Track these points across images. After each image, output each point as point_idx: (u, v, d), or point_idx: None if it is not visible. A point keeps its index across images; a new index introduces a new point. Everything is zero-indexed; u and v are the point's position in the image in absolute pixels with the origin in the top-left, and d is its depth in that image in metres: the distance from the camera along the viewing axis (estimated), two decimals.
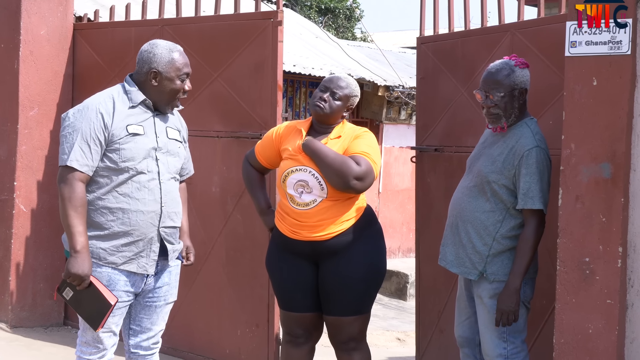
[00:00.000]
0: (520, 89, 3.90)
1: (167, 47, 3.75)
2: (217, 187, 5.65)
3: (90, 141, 3.58)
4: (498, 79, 3.89)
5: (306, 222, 4.10)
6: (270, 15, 5.33)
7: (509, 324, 3.82)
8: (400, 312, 10.19)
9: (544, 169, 3.81)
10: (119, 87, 3.77)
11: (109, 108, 3.65)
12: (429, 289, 5.60)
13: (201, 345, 5.76)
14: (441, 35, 5.55)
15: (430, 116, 5.57)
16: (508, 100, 3.89)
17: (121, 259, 3.64)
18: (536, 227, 3.82)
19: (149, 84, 3.72)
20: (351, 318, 4.19)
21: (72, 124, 3.62)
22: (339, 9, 24.09)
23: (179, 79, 3.73)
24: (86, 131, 3.59)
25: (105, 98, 3.70)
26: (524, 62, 3.93)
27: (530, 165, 3.78)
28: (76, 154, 3.57)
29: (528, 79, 3.93)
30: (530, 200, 3.79)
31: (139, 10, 6.33)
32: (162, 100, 3.75)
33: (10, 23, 6.36)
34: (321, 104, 4.16)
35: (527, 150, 3.80)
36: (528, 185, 3.79)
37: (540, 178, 3.79)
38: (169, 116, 3.85)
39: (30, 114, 6.35)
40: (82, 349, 3.75)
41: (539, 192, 3.78)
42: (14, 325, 6.34)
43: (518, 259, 3.82)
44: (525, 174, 3.79)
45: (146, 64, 3.72)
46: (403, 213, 12.64)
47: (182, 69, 3.74)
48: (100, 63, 6.28)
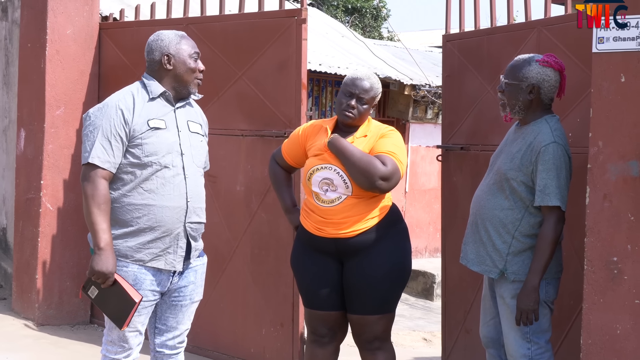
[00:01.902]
0: (531, 84, 3.87)
1: (173, 32, 3.80)
2: (241, 186, 5.65)
3: (111, 138, 3.59)
4: (512, 67, 3.93)
5: (331, 219, 4.08)
6: (294, 13, 5.31)
7: (530, 323, 3.78)
8: (426, 312, 10.15)
9: (562, 165, 3.76)
10: (138, 84, 3.78)
11: (129, 104, 3.65)
12: (455, 289, 5.56)
13: (226, 344, 5.76)
14: (467, 32, 5.51)
15: (456, 114, 5.54)
16: (512, 90, 3.90)
17: (148, 255, 3.64)
18: (554, 224, 3.77)
19: (163, 70, 3.74)
20: (375, 317, 4.16)
21: (93, 122, 3.63)
22: (365, 9, 24.06)
23: (191, 57, 3.75)
24: (107, 128, 3.59)
25: (125, 94, 3.71)
26: (551, 63, 3.88)
27: (547, 161, 3.75)
28: (97, 151, 3.57)
29: (547, 77, 3.87)
30: (547, 197, 3.75)
31: (164, 9, 6.35)
32: (180, 83, 3.75)
33: (37, 23, 6.41)
34: (350, 113, 4.14)
35: (544, 146, 3.77)
36: (545, 181, 3.75)
37: (557, 174, 3.74)
38: (189, 110, 3.85)
39: (57, 113, 6.38)
40: (108, 347, 3.75)
41: (555, 188, 3.74)
42: (40, 323, 6.38)
43: (536, 256, 3.78)
44: (542, 170, 3.76)
45: (157, 51, 3.75)
46: (430, 213, 12.58)
47: (192, 49, 3.77)
48: (126, 62, 6.29)
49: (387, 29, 24.51)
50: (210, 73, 5.63)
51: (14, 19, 7.57)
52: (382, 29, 24.94)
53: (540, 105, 3.91)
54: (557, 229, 3.78)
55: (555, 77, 3.89)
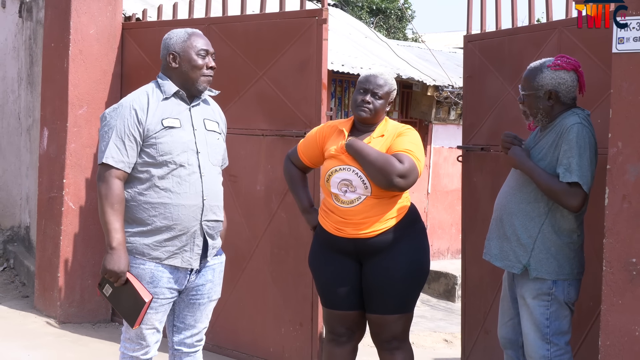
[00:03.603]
0: (547, 91, 3.88)
1: (184, 30, 3.81)
2: (261, 186, 5.66)
3: (125, 138, 3.62)
4: (526, 77, 3.95)
5: (351, 219, 4.08)
6: (315, 13, 5.32)
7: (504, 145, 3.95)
8: (448, 313, 10.11)
9: (585, 145, 3.76)
10: (153, 83, 3.80)
11: (143, 104, 3.67)
12: (474, 290, 5.54)
13: (245, 344, 5.78)
14: (488, 33, 5.50)
15: (476, 115, 5.52)
16: (531, 100, 3.93)
17: (165, 253, 3.66)
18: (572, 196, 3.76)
19: (171, 68, 3.76)
20: (394, 317, 4.16)
21: (108, 123, 3.67)
22: (390, 10, 24.02)
23: (198, 55, 3.74)
24: (120, 128, 3.62)
25: (140, 94, 3.73)
26: (563, 65, 3.87)
27: (570, 140, 3.76)
28: (111, 151, 3.61)
29: (562, 81, 3.87)
30: (568, 173, 3.74)
31: (186, 9, 6.38)
32: (187, 80, 3.76)
33: (60, 22, 6.45)
34: (365, 108, 4.14)
35: (569, 126, 3.79)
36: (568, 160, 3.75)
37: (580, 153, 3.74)
38: (206, 108, 3.87)
39: (80, 113, 6.43)
40: (126, 345, 3.78)
41: (576, 165, 3.73)
42: (62, 321, 6.43)
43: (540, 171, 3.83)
44: (566, 149, 3.76)
45: (164, 50, 3.78)
46: (452, 214, 12.54)
47: (199, 46, 3.76)
48: (148, 62, 6.33)
49: (412, 30, 24.46)
50: (231, 73, 5.68)
51: (38, 19, 7.63)
52: (406, 30, 24.90)
53: (562, 107, 3.91)
54: (571, 202, 3.76)
55: (570, 77, 3.88)
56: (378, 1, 23.96)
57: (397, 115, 12.03)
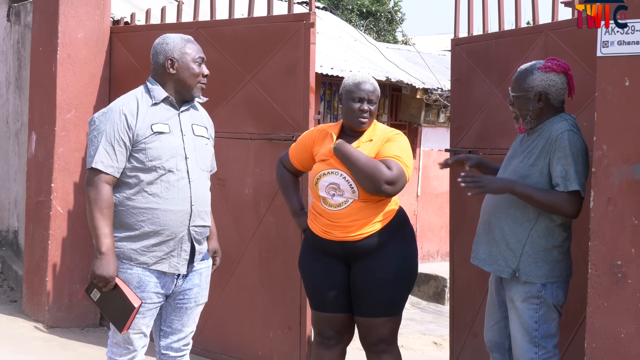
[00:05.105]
0: (537, 93, 3.89)
1: (179, 36, 3.80)
2: (250, 189, 5.66)
3: (114, 142, 3.61)
4: (516, 79, 3.96)
5: (338, 222, 4.09)
6: (302, 17, 5.33)
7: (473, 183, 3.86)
8: (437, 316, 10.13)
9: (578, 152, 3.78)
10: (142, 88, 3.79)
11: (133, 109, 3.67)
12: (463, 292, 5.55)
13: (233, 347, 5.77)
14: (475, 36, 5.52)
15: (464, 118, 5.54)
16: (521, 102, 3.94)
17: (152, 259, 3.66)
18: (572, 204, 3.78)
19: (167, 74, 3.75)
20: (382, 319, 4.17)
21: (97, 127, 3.66)
22: (380, 13, 24.06)
23: (195, 62, 3.75)
24: (110, 133, 3.62)
25: (130, 99, 3.73)
26: (553, 67, 3.89)
27: (564, 148, 3.77)
28: (101, 156, 3.60)
29: (552, 82, 3.89)
30: (568, 182, 3.76)
31: (174, 13, 6.37)
32: (184, 87, 3.76)
33: (48, 26, 6.44)
34: (365, 118, 4.15)
35: (560, 133, 3.79)
36: (565, 168, 3.76)
37: (575, 161, 3.76)
38: (194, 113, 3.87)
39: (68, 117, 6.42)
40: (113, 349, 3.78)
41: (574, 173, 3.75)
42: (50, 326, 6.41)
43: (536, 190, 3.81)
44: (560, 157, 3.77)
45: (161, 54, 3.76)
46: (442, 216, 12.56)
47: (196, 53, 3.77)
48: (137, 66, 6.32)
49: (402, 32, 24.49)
50: (219, 77, 5.68)
51: (26, 23, 7.61)
52: (396, 33, 24.94)
53: (551, 109, 3.92)
54: (571, 209, 3.78)
55: (560, 79, 3.90)
56: (368, 4, 24.01)
57: (386, 118, 12.05)
